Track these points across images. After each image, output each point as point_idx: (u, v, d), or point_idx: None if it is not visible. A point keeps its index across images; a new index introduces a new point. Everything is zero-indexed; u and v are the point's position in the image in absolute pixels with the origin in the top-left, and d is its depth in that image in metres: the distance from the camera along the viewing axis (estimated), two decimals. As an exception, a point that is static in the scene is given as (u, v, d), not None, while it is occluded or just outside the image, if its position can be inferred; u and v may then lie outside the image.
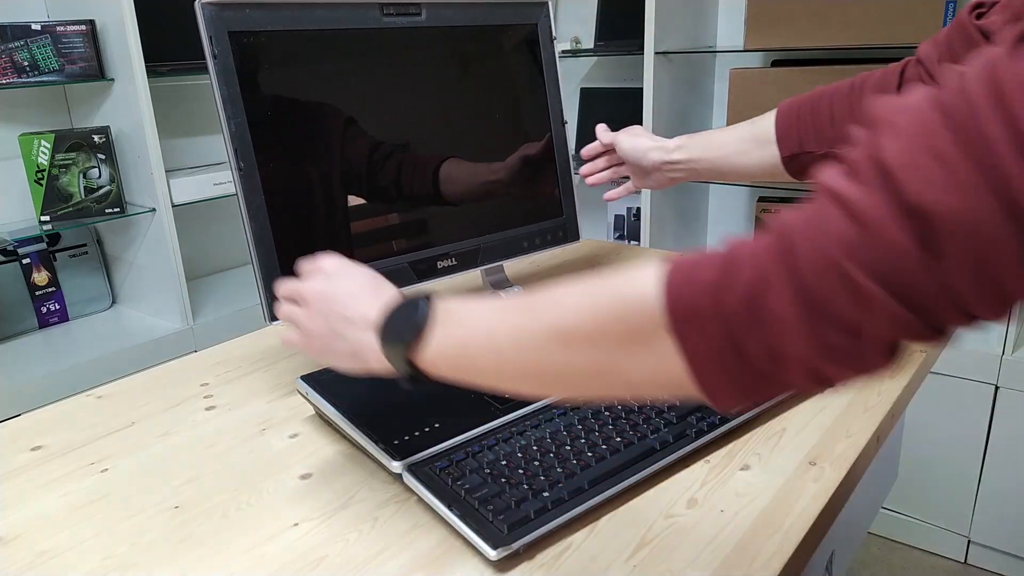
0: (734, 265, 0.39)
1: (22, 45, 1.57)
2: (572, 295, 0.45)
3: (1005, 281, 0.34)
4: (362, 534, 0.60)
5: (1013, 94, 0.32)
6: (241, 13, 0.74)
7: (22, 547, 0.60)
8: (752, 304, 0.38)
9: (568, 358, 0.45)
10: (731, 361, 0.39)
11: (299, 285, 0.61)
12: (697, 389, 0.41)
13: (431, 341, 0.51)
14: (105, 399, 0.85)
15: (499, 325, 0.48)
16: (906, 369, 0.84)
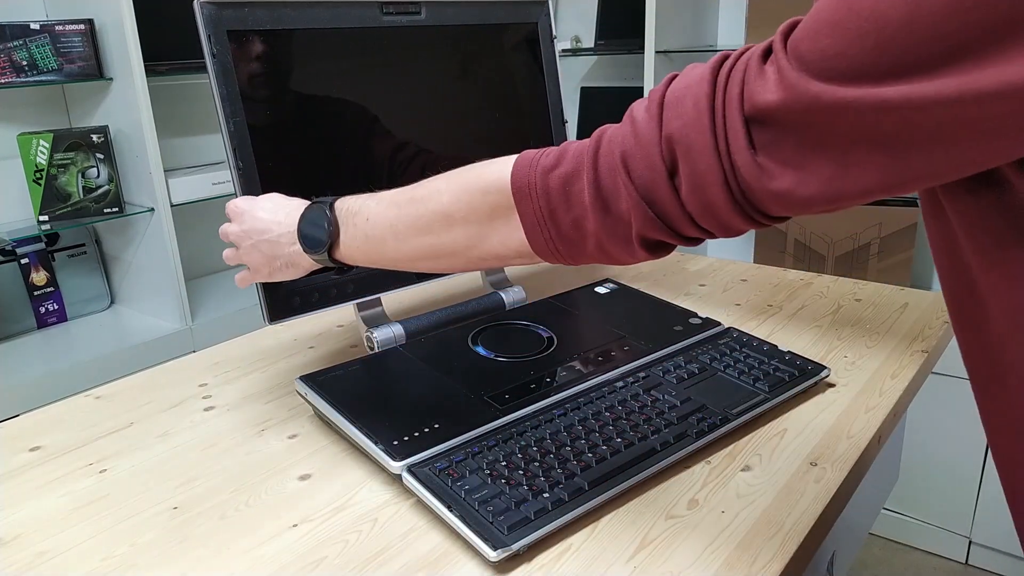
0: (563, 156, 0.51)
1: (21, 44, 1.57)
2: (448, 182, 0.56)
3: (717, 208, 0.45)
4: (361, 535, 0.60)
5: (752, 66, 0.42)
6: (240, 12, 0.74)
7: (21, 547, 0.60)
8: (566, 186, 0.50)
9: (451, 235, 0.56)
10: (550, 228, 0.51)
11: (227, 229, 0.73)
12: (525, 248, 0.53)
13: (343, 240, 0.63)
14: (104, 399, 0.85)
15: (395, 215, 0.59)
16: (907, 369, 0.83)
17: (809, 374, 0.78)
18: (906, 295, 1.05)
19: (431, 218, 0.57)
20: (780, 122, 0.41)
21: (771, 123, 0.41)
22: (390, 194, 0.61)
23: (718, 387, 0.76)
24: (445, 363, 0.81)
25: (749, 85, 0.42)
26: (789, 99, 0.39)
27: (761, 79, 0.41)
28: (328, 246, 0.63)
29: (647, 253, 0.50)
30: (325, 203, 0.64)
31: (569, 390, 0.75)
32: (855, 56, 0.37)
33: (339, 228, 0.63)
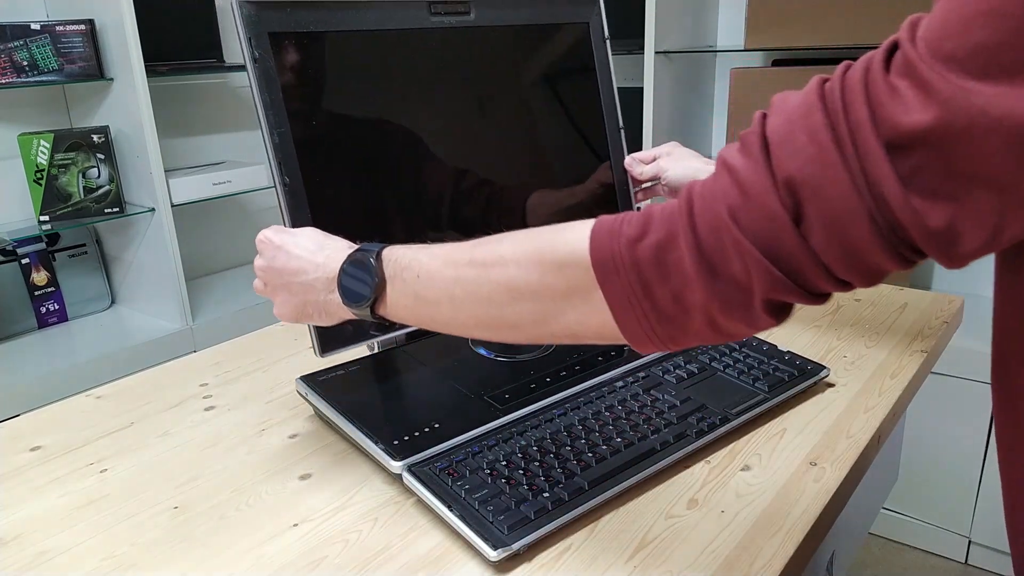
0: (649, 222, 0.44)
1: (21, 45, 1.57)
2: (515, 249, 0.50)
3: (863, 250, 0.38)
4: (362, 535, 0.60)
5: (877, 83, 0.36)
6: (282, 13, 0.68)
7: (21, 548, 0.60)
8: (660, 256, 0.43)
9: (515, 309, 0.50)
10: (644, 305, 0.44)
11: (257, 264, 0.65)
12: (619, 332, 0.46)
13: (390, 295, 0.56)
14: (104, 399, 0.85)
15: (451, 277, 0.52)
16: (907, 369, 0.83)
17: (809, 374, 0.79)
18: (905, 295, 1.05)
19: (494, 288, 0.50)
20: (931, 145, 0.34)
21: (917, 147, 0.35)
22: (446, 250, 0.54)
23: (718, 387, 0.76)
24: (445, 363, 0.81)
25: (882, 106, 0.36)
26: (947, 116, 0.33)
27: (896, 97, 0.35)
28: (371, 301, 0.57)
29: (770, 319, 0.43)
30: (371, 251, 0.57)
31: (569, 390, 0.75)
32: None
33: (386, 282, 0.56)
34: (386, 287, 0.56)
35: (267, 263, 0.64)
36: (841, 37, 1.76)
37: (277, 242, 0.64)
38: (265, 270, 0.64)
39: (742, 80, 1.89)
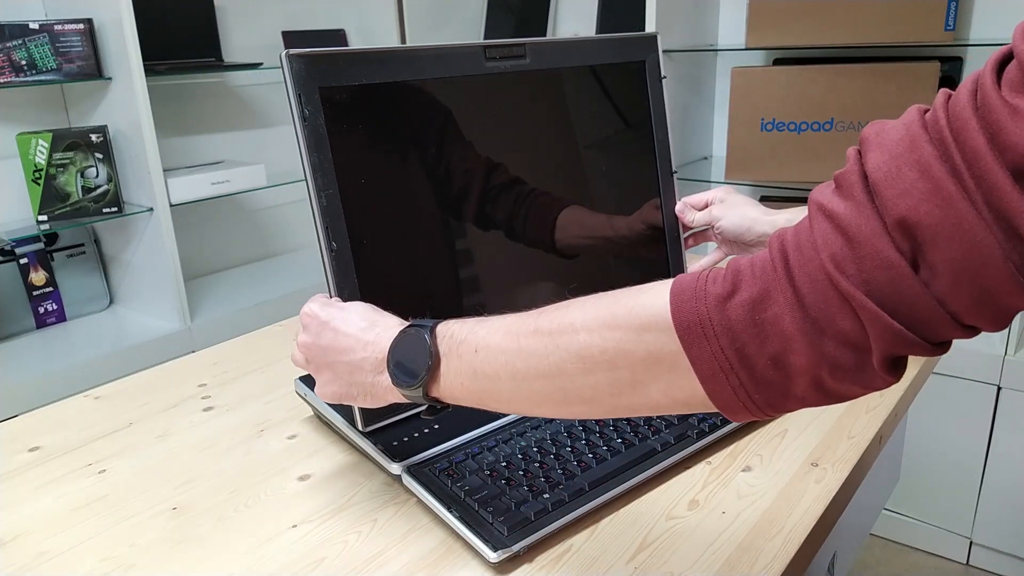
0: (738, 278, 0.40)
1: (20, 44, 1.57)
2: (585, 315, 0.45)
3: (996, 291, 0.34)
4: (361, 536, 0.60)
5: (993, 105, 0.33)
6: (334, 66, 0.63)
7: (20, 548, 0.60)
8: (755, 316, 0.39)
9: (588, 380, 0.45)
10: (740, 372, 0.40)
11: (298, 339, 0.61)
12: (711, 402, 0.41)
13: (445, 373, 0.51)
14: (103, 400, 0.85)
15: (513, 351, 0.47)
16: (908, 369, 0.83)
17: (810, 374, 0.78)
18: (907, 295, 1.05)
19: (563, 358, 0.45)
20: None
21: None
22: (505, 321, 0.49)
23: (719, 387, 0.76)
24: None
25: (1002, 130, 0.32)
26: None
27: (1018, 118, 0.32)
28: (425, 381, 0.52)
29: (888, 377, 0.39)
30: (424, 327, 0.53)
31: (569, 390, 0.75)
32: None
33: (440, 359, 0.51)
34: (440, 364, 0.51)
35: (312, 340, 0.59)
36: (842, 36, 1.75)
37: (324, 317, 0.59)
38: (310, 347, 0.59)
39: (743, 79, 1.89)
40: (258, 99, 2.18)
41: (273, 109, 2.21)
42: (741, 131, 1.95)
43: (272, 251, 2.31)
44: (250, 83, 2.15)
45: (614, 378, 0.44)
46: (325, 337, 0.58)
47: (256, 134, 2.18)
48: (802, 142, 1.94)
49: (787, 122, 1.92)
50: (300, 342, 0.60)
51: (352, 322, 0.58)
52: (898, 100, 1.84)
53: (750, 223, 0.85)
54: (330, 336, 0.58)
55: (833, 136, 1.92)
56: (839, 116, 1.89)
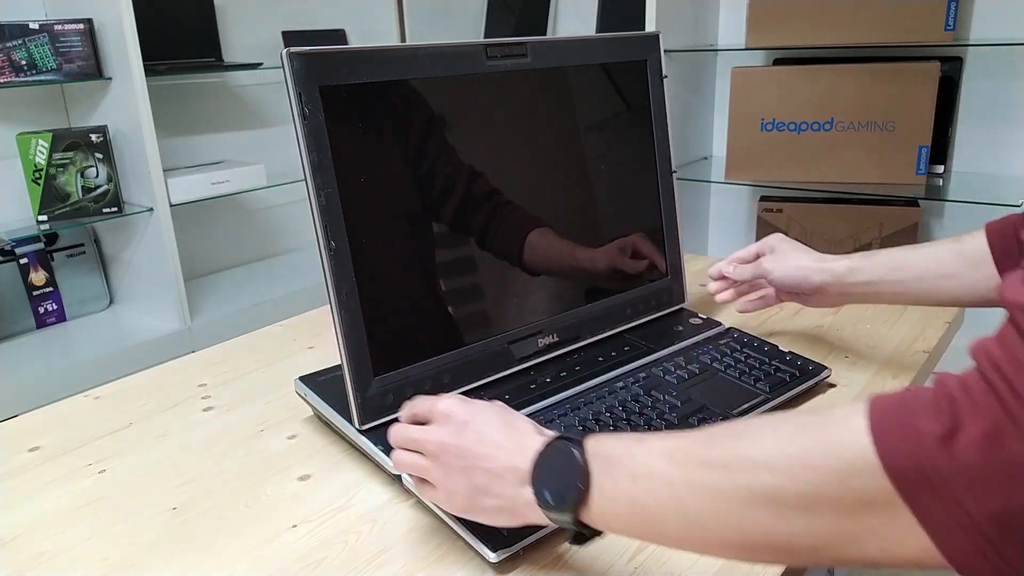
0: (956, 412, 0.34)
1: (20, 44, 1.57)
2: (765, 448, 0.39)
3: None
4: (361, 536, 0.60)
5: None
6: (334, 65, 0.63)
7: (20, 548, 0.60)
8: (994, 455, 0.32)
9: (780, 526, 0.38)
10: (986, 526, 0.33)
11: (425, 435, 0.54)
12: (949, 563, 0.35)
13: (597, 498, 0.46)
14: (103, 400, 0.85)
15: (682, 485, 0.42)
16: (908, 370, 0.83)
17: (810, 374, 0.78)
18: (907, 295, 1.05)
19: (746, 499, 0.39)
20: None
21: None
22: (668, 445, 0.44)
23: (719, 387, 0.76)
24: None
25: None
26: None
27: None
28: (575, 505, 0.46)
29: None
30: (573, 441, 0.47)
31: (570, 391, 0.75)
32: None
33: (591, 482, 0.46)
34: (591, 486, 0.46)
35: (451, 439, 0.52)
36: (842, 36, 1.75)
37: (464, 416, 0.53)
38: (446, 447, 0.52)
39: (743, 79, 1.89)
40: (258, 99, 2.18)
41: (273, 109, 2.21)
42: (741, 131, 1.95)
43: (272, 251, 2.31)
44: (250, 83, 2.15)
45: (817, 528, 0.37)
46: (466, 438, 0.52)
47: (256, 134, 2.18)
48: (802, 142, 1.94)
49: (787, 122, 1.92)
50: (433, 439, 0.53)
51: (492, 423, 0.52)
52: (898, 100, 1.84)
53: (805, 273, 0.80)
54: (472, 437, 0.52)
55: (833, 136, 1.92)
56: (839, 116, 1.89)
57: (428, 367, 0.71)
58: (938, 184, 1.97)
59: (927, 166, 1.89)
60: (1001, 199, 1.77)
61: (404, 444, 0.56)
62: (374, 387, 0.67)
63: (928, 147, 1.87)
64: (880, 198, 1.96)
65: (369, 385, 0.67)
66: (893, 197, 1.95)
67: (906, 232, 1.96)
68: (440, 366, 0.72)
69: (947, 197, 1.92)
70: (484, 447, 0.51)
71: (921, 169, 1.89)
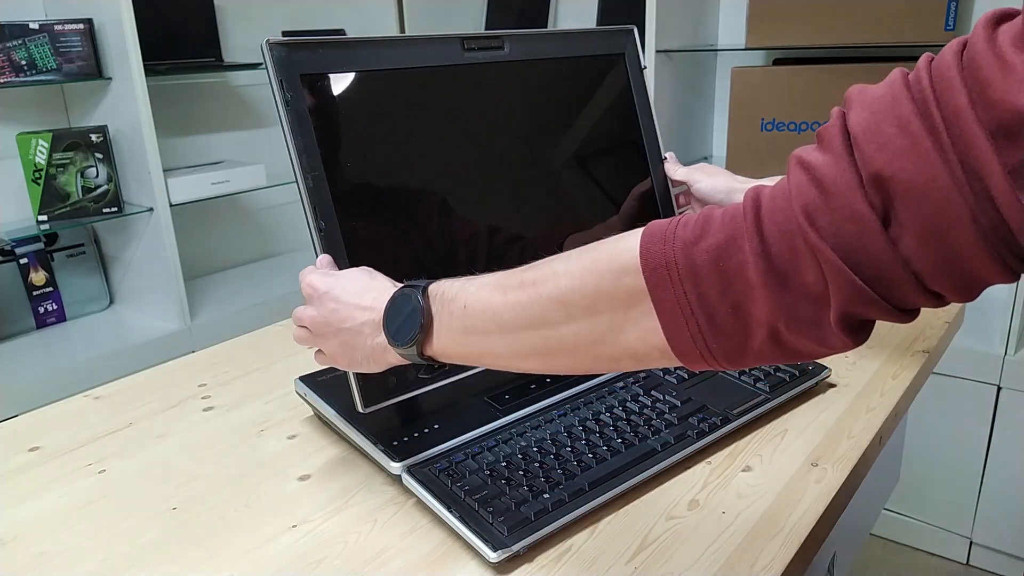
0: (707, 224, 0.40)
1: (20, 44, 1.57)
2: (568, 264, 0.46)
3: (962, 253, 0.34)
4: (361, 536, 0.60)
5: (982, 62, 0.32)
6: (314, 54, 0.66)
7: (20, 548, 0.60)
8: (719, 261, 0.38)
9: (571, 327, 0.45)
10: (700, 318, 0.39)
11: (299, 312, 0.62)
12: (668, 346, 0.41)
13: (438, 332, 0.52)
14: (103, 400, 0.85)
15: (501, 303, 0.48)
16: (908, 370, 0.83)
17: (810, 374, 0.78)
18: (907, 295, 1.05)
19: (546, 305, 0.46)
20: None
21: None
22: (494, 277, 0.50)
23: (719, 387, 0.76)
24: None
25: (988, 85, 0.31)
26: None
27: (1009, 73, 0.31)
28: (418, 340, 0.52)
29: (845, 338, 0.38)
30: (417, 287, 0.54)
31: (569, 391, 0.75)
32: None
33: (432, 318, 0.52)
34: (433, 322, 0.52)
35: (316, 312, 0.60)
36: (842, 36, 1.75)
37: (322, 288, 0.60)
38: (315, 320, 0.60)
39: (743, 79, 1.89)
40: (258, 99, 2.18)
41: (273, 109, 2.21)
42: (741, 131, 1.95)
43: (272, 251, 2.31)
44: (250, 83, 2.15)
45: (595, 323, 0.44)
46: (325, 307, 0.59)
47: (256, 134, 2.18)
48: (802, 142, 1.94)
49: (787, 122, 1.92)
50: (305, 316, 0.61)
51: (349, 289, 0.59)
52: (898, 100, 1.83)
53: (726, 188, 0.85)
54: (331, 306, 0.59)
55: (833, 136, 1.91)
56: (839, 116, 1.88)
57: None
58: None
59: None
60: (1001, 199, 1.76)
61: (294, 322, 0.63)
62: None
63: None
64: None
65: None
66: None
67: (906, 232, 1.96)
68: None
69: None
70: (344, 310, 0.58)
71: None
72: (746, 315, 0.39)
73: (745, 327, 0.39)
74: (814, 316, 0.38)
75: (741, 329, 0.39)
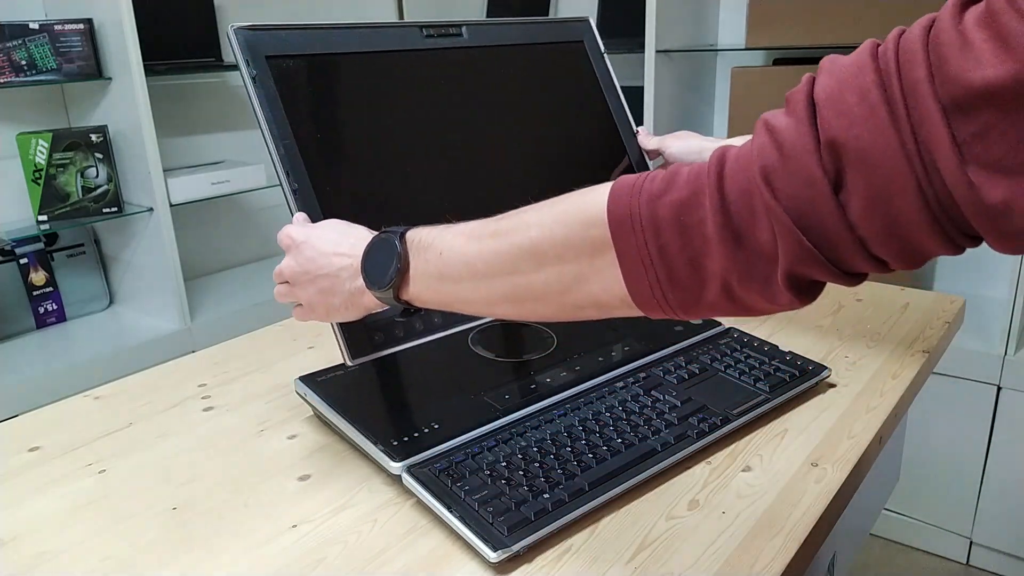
0: (673, 180, 0.41)
1: (20, 44, 1.57)
2: (539, 214, 0.47)
3: (906, 222, 0.35)
4: (361, 536, 0.60)
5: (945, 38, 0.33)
6: (277, 37, 0.70)
7: (20, 548, 0.60)
8: (680, 215, 0.40)
9: (540, 275, 0.47)
10: (658, 268, 0.41)
11: (280, 266, 0.64)
12: (628, 294, 0.43)
13: (413, 277, 0.54)
14: (103, 400, 0.85)
15: (475, 251, 0.50)
16: (908, 370, 0.83)
17: (810, 374, 0.78)
18: (907, 295, 1.05)
19: (517, 254, 0.47)
20: (1000, 105, 0.31)
21: (983, 108, 0.31)
22: (469, 226, 0.52)
23: (719, 387, 0.76)
24: (445, 363, 0.81)
25: (947, 61, 0.32)
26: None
27: (967, 50, 0.32)
28: (395, 283, 0.54)
29: (792, 297, 0.39)
30: (395, 233, 0.55)
31: (569, 390, 0.75)
32: None
33: (409, 263, 0.54)
34: (409, 267, 0.54)
35: (293, 261, 0.62)
36: (842, 36, 1.75)
37: (300, 237, 0.61)
38: (292, 269, 0.62)
39: (743, 79, 1.89)
40: (258, 99, 2.18)
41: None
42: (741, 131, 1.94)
43: (272, 251, 2.31)
44: (250, 83, 2.15)
45: (562, 272, 0.46)
46: (304, 255, 0.61)
47: (256, 134, 2.17)
48: (802, 142, 1.93)
49: (787, 122, 1.92)
50: (283, 267, 0.63)
51: (327, 237, 0.60)
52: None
53: (698, 148, 0.88)
54: (309, 253, 0.60)
55: (833, 136, 1.91)
56: (839, 116, 1.88)
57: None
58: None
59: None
60: (1001, 199, 1.76)
61: (275, 279, 0.65)
62: (361, 324, 0.67)
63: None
64: (880, 198, 1.96)
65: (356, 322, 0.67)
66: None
67: (906, 232, 1.96)
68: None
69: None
70: (322, 257, 0.60)
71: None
72: (702, 268, 0.40)
73: (700, 280, 0.41)
74: (765, 273, 0.39)
75: (697, 281, 0.41)
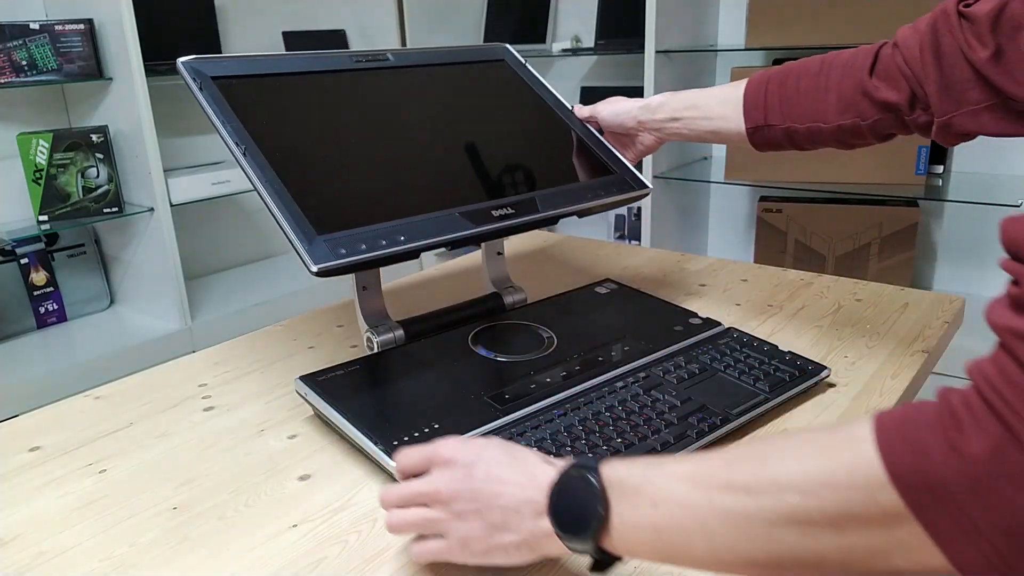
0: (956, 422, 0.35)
1: (20, 44, 1.57)
2: (788, 470, 0.40)
3: None
4: (361, 535, 0.60)
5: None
6: (219, 64, 0.79)
7: (20, 548, 0.60)
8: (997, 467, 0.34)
9: (809, 544, 0.39)
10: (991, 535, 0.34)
11: (432, 484, 0.52)
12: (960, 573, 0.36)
13: (618, 526, 0.45)
14: (103, 400, 0.85)
15: (706, 508, 0.42)
16: (908, 369, 0.83)
17: (809, 374, 0.78)
18: (906, 295, 1.05)
19: (773, 521, 0.39)
20: None
21: None
22: (687, 468, 0.44)
23: (718, 387, 0.76)
24: (445, 363, 0.81)
25: None
26: None
27: None
28: (597, 533, 0.45)
29: None
30: (588, 468, 0.47)
31: (569, 390, 0.75)
32: None
33: (611, 508, 0.45)
34: (611, 513, 0.45)
35: (462, 484, 0.50)
36: (842, 36, 1.75)
37: (469, 457, 0.51)
38: (457, 493, 0.50)
39: (742, 80, 1.88)
40: (258, 99, 2.18)
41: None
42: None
43: (272, 251, 2.31)
44: (250, 83, 2.15)
45: (841, 546, 0.38)
46: (476, 478, 0.50)
47: (256, 134, 2.18)
48: (802, 142, 1.94)
49: (787, 122, 1.92)
50: (441, 486, 0.51)
51: (502, 462, 0.51)
52: (898, 100, 1.84)
53: (627, 112, 0.92)
54: (482, 477, 0.50)
55: (833, 136, 1.91)
56: (839, 116, 1.88)
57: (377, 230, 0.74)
58: (937, 184, 1.97)
59: (926, 166, 1.89)
60: (1000, 199, 1.77)
61: (407, 500, 0.53)
62: (319, 241, 0.69)
63: (928, 147, 1.87)
64: (880, 198, 1.96)
65: (313, 240, 0.69)
66: (893, 197, 1.95)
67: (906, 232, 1.96)
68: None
69: (946, 197, 1.92)
70: (496, 485, 0.50)
71: (920, 169, 1.89)
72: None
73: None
74: None
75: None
